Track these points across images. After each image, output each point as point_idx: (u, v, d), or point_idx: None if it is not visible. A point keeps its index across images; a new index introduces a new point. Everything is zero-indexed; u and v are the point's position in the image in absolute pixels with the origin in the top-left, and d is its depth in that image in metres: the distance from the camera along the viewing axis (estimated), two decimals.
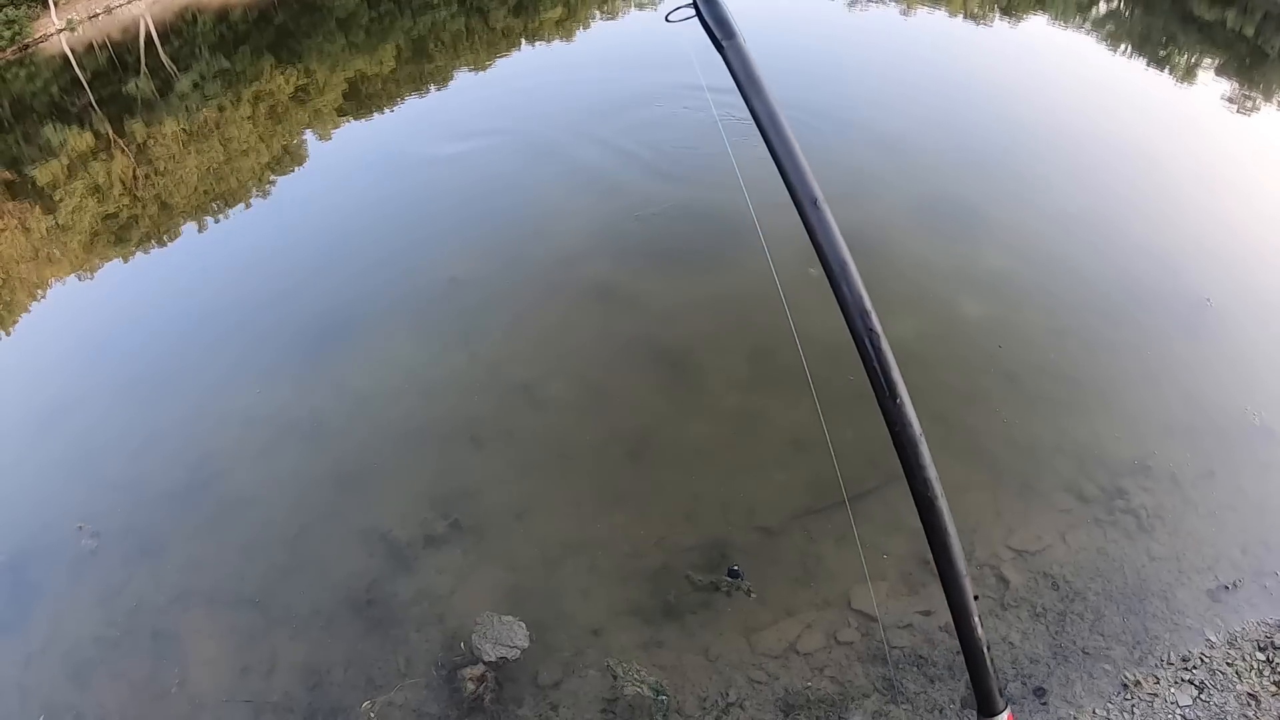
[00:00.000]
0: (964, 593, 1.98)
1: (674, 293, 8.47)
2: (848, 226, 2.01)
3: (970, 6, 22.55)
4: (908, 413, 1.90)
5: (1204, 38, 22.19)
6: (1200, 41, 22.11)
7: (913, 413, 1.92)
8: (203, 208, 11.02)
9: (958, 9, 22.15)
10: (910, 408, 1.92)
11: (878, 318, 1.92)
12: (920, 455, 1.93)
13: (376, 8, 18.58)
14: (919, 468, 1.94)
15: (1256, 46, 22.40)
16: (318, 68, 15.10)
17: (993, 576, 5.80)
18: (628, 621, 5.43)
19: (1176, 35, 22.45)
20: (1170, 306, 9.09)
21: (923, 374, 7.68)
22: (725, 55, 1.97)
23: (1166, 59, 20.56)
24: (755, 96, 1.92)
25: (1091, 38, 22.09)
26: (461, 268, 8.78)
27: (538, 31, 16.84)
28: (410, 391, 7.31)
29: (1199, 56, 21.23)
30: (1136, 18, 24.09)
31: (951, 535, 1.98)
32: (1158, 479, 6.86)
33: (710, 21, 1.95)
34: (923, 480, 1.95)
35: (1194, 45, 21.90)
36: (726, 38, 1.94)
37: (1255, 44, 22.50)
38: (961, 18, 21.71)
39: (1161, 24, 23.45)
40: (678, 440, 6.78)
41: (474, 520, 6.09)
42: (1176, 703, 5.24)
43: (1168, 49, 21.29)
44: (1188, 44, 21.93)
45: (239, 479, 6.87)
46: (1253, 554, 6.34)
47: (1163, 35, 22.36)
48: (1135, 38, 21.95)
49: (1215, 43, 22.09)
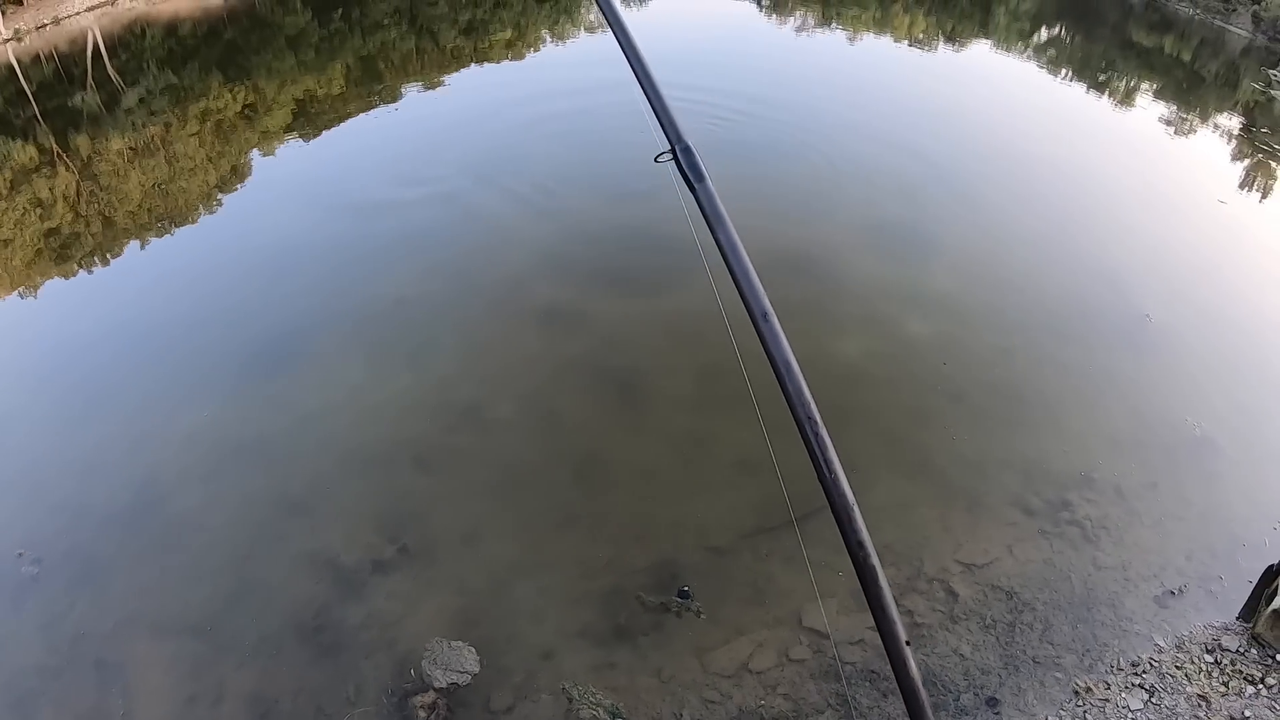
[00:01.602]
0: (898, 641, 2.19)
1: (621, 314, 8.51)
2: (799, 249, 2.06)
3: (915, 32, 23.10)
4: (842, 485, 2.21)
5: (1142, 63, 23.02)
6: (1139, 67, 22.93)
7: (846, 484, 2.22)
8: (148, 225, 10.78)
9: (902, 35, 22.67)
10: (844, 480, 2.23)
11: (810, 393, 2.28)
12: (854, 521, 2.20)
13: (327, 26, 18.45)
14: (853, 532, 2.20)
15: (1193, 71, 23.28)
16: (266, 85, 14.93)
17: (942, 590, 5.87)
18: (579, 644, 5.38)
19: (1116, 61, 23.24)
20: (1112, 323, 9.34)
21: (871, 393, 7.81)
22: (696, 195, 2.40)
23: (1107, 84, 21.24)
24: (720, 229, 2.35)
25: (1033, 64, 22.78)
26: (409, 288, 8.69)
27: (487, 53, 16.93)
28: (357, 413, 7.20)
29: (1138, 81, 21.98)
30: (1077, 44, 24.92)
31: (885, 590, 2.21)
32: (1102, 490, 7.01)
33: (685, 169, 2.40)
34: (857, 543, 2.21)
35: (1133, 70, 22.68)
36: (698, 181, 2.39)
37: (1192, 68, 23.39)
38: (906, 44, 22.20)
39: (1101, 50, 24.26)
40: (627, 461, 6.78)
41: (422, 544, 5.99)
42: (1128, 707, 5.33)
43: (1108, 74, 21.99)
44: (1127, 69, 22.70)
45: (184, 502, 6.67)
46: (1197, 560, 6.50)
47: (1102, 61, 23.12)
48: (1076, 63, 22.68)
49: (1153, 68, 22.91)
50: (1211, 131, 18.91)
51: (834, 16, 23.63)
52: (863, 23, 23.64)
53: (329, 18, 19.00)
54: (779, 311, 2.29)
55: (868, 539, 2.19)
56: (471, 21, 19.99)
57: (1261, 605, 5.90)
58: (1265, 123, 19.84)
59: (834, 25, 22.44)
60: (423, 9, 20.39)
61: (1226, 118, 20.22)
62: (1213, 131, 18.92)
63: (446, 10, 20.57)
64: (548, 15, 21.45)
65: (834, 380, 7.91)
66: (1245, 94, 22.21)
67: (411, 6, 20.53)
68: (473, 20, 20.11)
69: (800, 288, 9.19)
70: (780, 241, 9.89)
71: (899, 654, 2.19)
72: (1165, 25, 26.09)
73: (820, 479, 2.20)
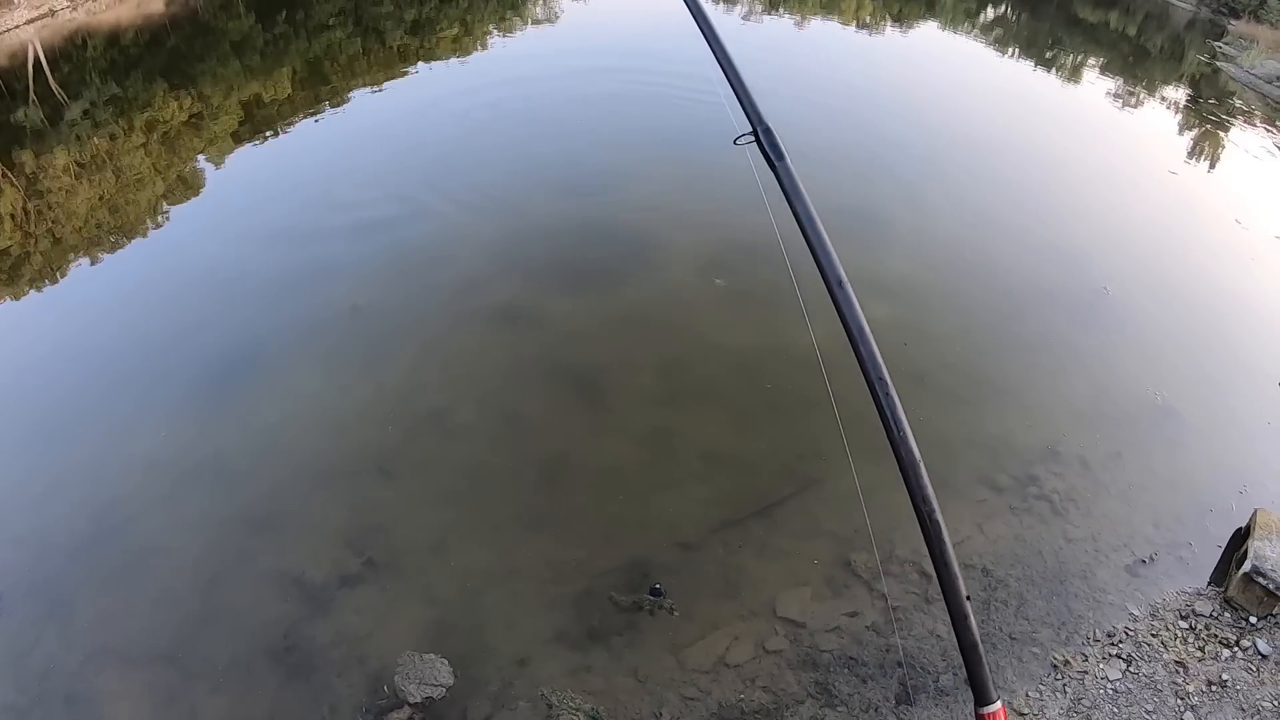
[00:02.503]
0: (959, 596, 2.33)
1: (581, 312, 8.42)
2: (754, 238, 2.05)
3: (862, 15, 23.21)
4: (910, 443, 2.38)
5: (1089, 38, 23.40)
6: (1085, 42, 23.29)
7: (914, 443, 2.38)
8: (97, 242, 10.47)
9: (850, 19, 22.76)
10: (912, 439, 2.38)
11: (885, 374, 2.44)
12: (921, 478, 2.38)
13: (271, 30, 18.02)
14: (919, 488, 2.39)
15: (1139, 45, 23.72)
16: (212, 92, 14.54)
17: (915, 573, 5.88)
18: (554, 649, 5.30)
19: (1062, 38, 23.58)
20: (1071, 297, 9.47)
21: (834, 379, 7.77)
22: (776, 172, 2.66)
23: (1054, 60, 21.54)
24: (798, 202, 2.62)
25: (981, 43, 23.02)
26: (363, 296, 8.50)
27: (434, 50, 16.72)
28: (317, 426, 7.04)
29: (1084, 57, 22.32)
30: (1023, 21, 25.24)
31: (948, 545, 2.36)
32: (1068, 464, 7.09)
33: (766, 148, 2.66)
34: (923, 498, 2.40)
35: (1079, 46, 23.03)
36: (778, 159, 2.66)
37: (1138, 43, 23.82)
38: (854, 27, 22.29)
39: (1047, 27, 24.61)
40: (593, 461, 6.72)
41: (389, 556, 5.87)
42: (1106, 677, 5.40)
43: (1054, 51, 22.30)
44: (1073, 45, 23.06)
45: (146, 527, 6.48)
46: (1166, 528, 6.60)
47: (1049, 38, 23.45)
48: (1022, 41, 22.98)
49: (1100, 43, 23.30)
50: (1160, 104, 19.25)
51: (780, 1, 23.65)
52: (809, 7, 23.69)
53: (274, 21, 18.61)
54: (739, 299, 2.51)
55: (932, 495, 2.36)
56: (418, 20, 19.70)
57: (1232, 569, 6.01)
58: (1211, 93, 20.26)
59: (781, 11, 22.43)
60: (368, 8, 20.07)
61: (1174, 90, 20.61)
62: (1161, 104, 19.26)
63: (393, 9, 20.25)
64: (494, 11, 21.25)
65: (798, 366, 7.88)
66: (1191, 66, 22.66)
67: (357, 7, 20.20)
68: (419, 18, 19.82)
69: (756, 276, 9.13)
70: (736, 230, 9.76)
71: (960, 608, 2.32)
72: (1110, 1, 26.50)
73: (889, 437, 2.38)
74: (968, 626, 2.28)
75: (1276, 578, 5.70)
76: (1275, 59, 20.78)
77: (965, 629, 2.28)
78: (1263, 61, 21.03)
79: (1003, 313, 8.99)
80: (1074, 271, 10.02)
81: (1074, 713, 5.18)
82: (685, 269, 9.21)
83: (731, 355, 8.00)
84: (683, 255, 9.51)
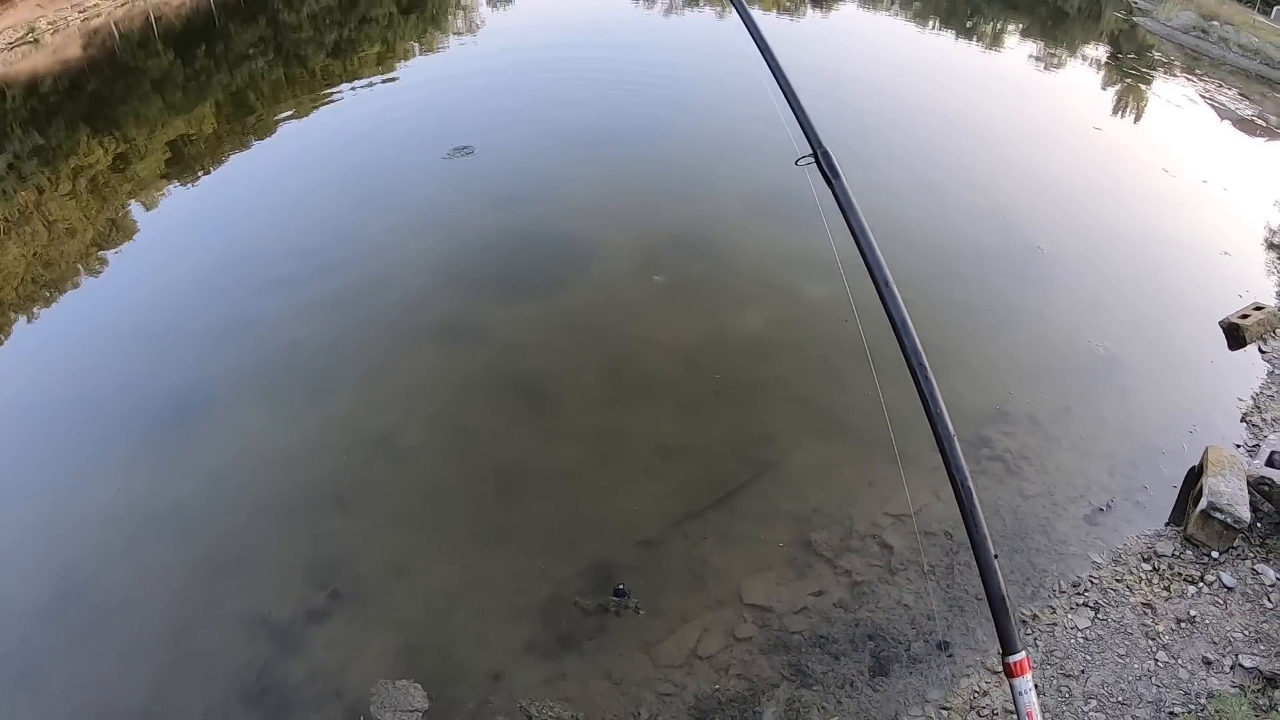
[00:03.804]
0: (989, 554, 2.55)
1: (521, 320, 8.39)
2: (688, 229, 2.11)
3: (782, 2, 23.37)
4: (946, 420, 2.63)
5: (1007, 5, 23.81)
6: (1004, 9, 23.70)
7: (949, 420, 2.64)
8: (33, 297, 10.24)
9: (769, 5, 22.90)
10: (948, 416, 2.64)
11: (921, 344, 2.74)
12: (954, 449, 2.62)
13: (192, 65, 17.80)
14: (954, 457, 2.61)
15: (1056, 7, 24.20)
16: (137, 133, 14.32)
17: (876, 545, 5.95)
18: (526, 660, 5.29)
19: (981, 6, 23.96)
20: (1006, 259, 9.63)
21: (780, 361, 7.88)
22: (833, 188, 2.96)
23: (975, 29, 21.87)
24: (852, 215, 2.90)
25: (901, 18, 23.32)
26: (301, 329, 8.38)
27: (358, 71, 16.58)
28: (268, 463, 6.95)
29: (1004, 23, 22.70)
30: None
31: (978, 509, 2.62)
32: (1018, 422, 7.20)
33: (825, 169, 2.98)
34: (957, 467, 2.62)
35: (998, 14, 23.43)
36: (835, 178, 2.97)
37: (1055, 5, 24.31)
38: (775, 13, 22.40)
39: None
40: (546, 468, 6.71)
41: (353, 586, 5.82)
42: (1076, 627, 5.50)
43: (974, 20, 22.64)
44: (992, 13, 23.44)
45: (108, 583, 6.35)
46: (1120, 474, 6.73)
47: (968, 8, 23.80)
48: (942, 13, 23.29)
49: (1017, 8, 23.72)
50: (1081, 63, 19.66)
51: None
52: None
53: (193, 56, 18.36)
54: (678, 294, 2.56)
55: (964, 465, 2.61)
56: (339, 41, 19.59)
57: (1189, 507, 6.13)
58: (1130, 48, 20.72)
59: (700, 3, 22.49)
60: (288, 35, 19.88)
61: (1094, 48, 21.06)
62: (1083, 63, 19.68)
63: (312, 33, 20.09)
64: (415, 26, 21.15)
65: (741, 353, 7.96)
66: (1109, 24, 23.17)
67: (276, 34, 19.98)
68: (340, 40, 19.72)
69: (694, 268, 9.20)
70: (669, 224, 9.91)
71: (989, 565, 2.54)
72: None
73: (928, 414, 2.65)
74: (996, 582, 2.52)
75: (1234, 511, 5.83)
76: (1189, 9, 21.31)
77: (994, 584, 2.52)
78: (1178, 13, 21.55)
79: (940, 279, 9.09)
80: (1007, 233, 10.20)
81: (1047, 665, 5.26)
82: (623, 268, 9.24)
83: (670, 350, 7.97)
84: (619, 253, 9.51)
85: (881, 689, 5.14)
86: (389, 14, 21.83)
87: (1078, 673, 5.20)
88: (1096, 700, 5.02)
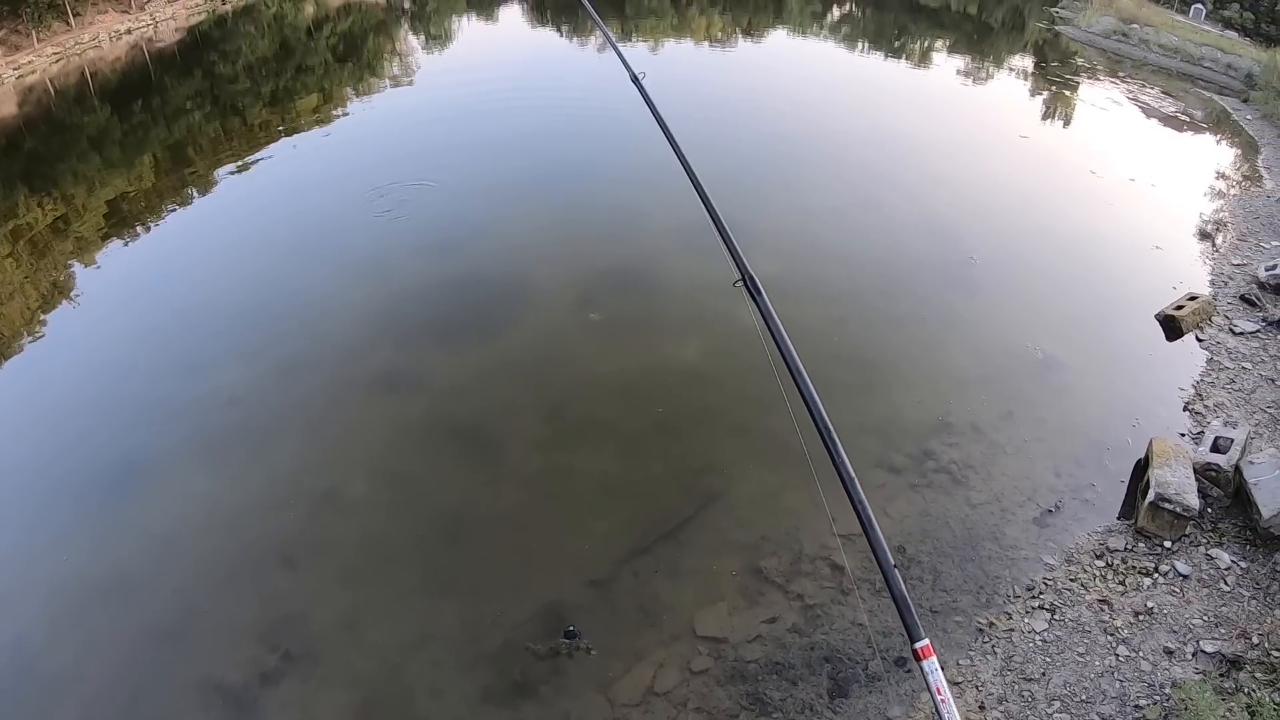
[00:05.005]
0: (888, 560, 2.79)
1: (458, 366, 8.37)
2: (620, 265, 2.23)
3: (713, 32, 23.83)
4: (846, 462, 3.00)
5: (933, 23, 24.57)
6: (930, 27, 24.43)
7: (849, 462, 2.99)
8: None
9: (701, 36, 23.34)
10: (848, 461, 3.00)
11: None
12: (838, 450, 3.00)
13: (129, 120, 17.60)
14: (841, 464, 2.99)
15: (982, 22, 25.01)
16: (75, 192, 14.06)
17: (826, 567, 5.98)
18: (484, 709, 5.22)
19: (907, 25, 24.65)
20: (939, 271, 9.81)
21: (717, 390, 7.91)
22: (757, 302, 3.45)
23: (903, 48, 22.48)
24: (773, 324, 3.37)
25: (831, 42, 23.89)
26: (239, 386, 8.22)
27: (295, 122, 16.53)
28: (212, 524, 6.78)
29: (931, 40, 23.35)
30: (869, 16, 26.31)
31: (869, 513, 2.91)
32: (961, 432, 7.30)
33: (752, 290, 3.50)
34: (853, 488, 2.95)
35: (925, 32, 24.13)
36: (757, 294, 3.47)
37: (980, 20, 25.12)
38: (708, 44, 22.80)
39: (892, 18, 25.68)
40: (492, 512, 6.67)
41: (305, 645, 5.69)
42: (1034, 630, 5.54)
43: (902, 39, 23.29)
44: (919, 31, 24.14)
45: (55, 657, 6.14)
46: (1067, 474, 6.84)
47: (895, 29, 24.47)
48: (870, 35, 23.97)
49: (943, 25, 24.48)
50: (1008, 74, 20.29)
51: (633, 30, 24.10)
52: (661, 31, 24.20)
53: (130, 110, 18.13)
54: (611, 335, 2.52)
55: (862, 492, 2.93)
56: (275, 91, 19.53)
57: (1138, 500, 6.25)
58: (1055, 56, 21.44)
59: (634, 38, 22.78)
60: (224, 87, 19.76)
61: (1020, 59, 21.76)
62: (1009, 74, 20.31)
63: (249, 84, 20.00)
64: (351, 74, 21.19)
65: (678, 383, 8.00)
66: (1033, 34, 23.96)
67: (213, 86, 19.85)
68: (276, 90, 19.65)
69: (628, 303, 9.25)
70: (600, 261, 9.96)
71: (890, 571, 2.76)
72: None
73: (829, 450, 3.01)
74: (897, 583, 2.75)
75: (1182, 500, 5.95)
76: (1109, 14, 22.11)
77: (896, 585, 2.75)
78: (1098, 19, 22.35)
79: (874, 297, 9.25)
80: (939, 246, 10.40)
81: (1007, 671, 5.31)
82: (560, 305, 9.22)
83: (607, 388, 7.97)
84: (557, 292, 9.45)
85: (841, 710, 5.14)
86: (324, 62, 21.89)
87: (1039, 676, 5.26)
88: (1060, 701, 5.08)
